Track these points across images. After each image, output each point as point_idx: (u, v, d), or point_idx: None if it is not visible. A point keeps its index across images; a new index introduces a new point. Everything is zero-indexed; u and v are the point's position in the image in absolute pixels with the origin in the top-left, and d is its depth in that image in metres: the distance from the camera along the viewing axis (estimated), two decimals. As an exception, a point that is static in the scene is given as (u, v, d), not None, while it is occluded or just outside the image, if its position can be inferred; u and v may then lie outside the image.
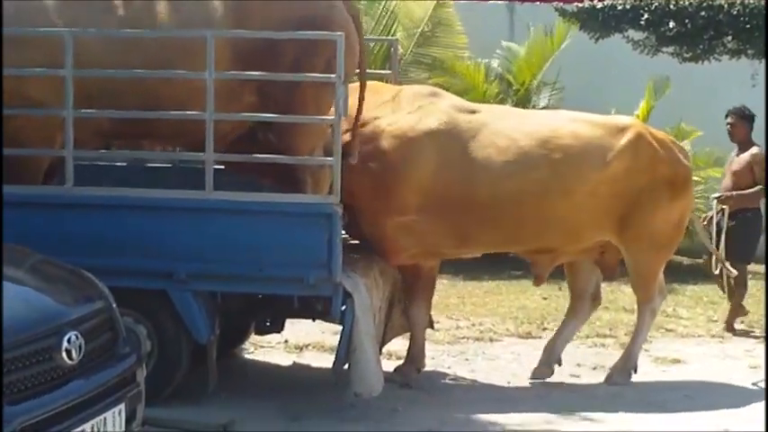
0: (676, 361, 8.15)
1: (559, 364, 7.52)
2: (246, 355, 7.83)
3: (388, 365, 7.26)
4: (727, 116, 9.50)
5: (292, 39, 6.23)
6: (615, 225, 7.12)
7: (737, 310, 9.22)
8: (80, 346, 4.41)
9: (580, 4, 12.62)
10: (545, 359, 7.50)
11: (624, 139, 7.11)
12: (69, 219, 6.23)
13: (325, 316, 6.58)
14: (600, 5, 12.47)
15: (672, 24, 12.08)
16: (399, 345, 7.65)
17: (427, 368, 7.53)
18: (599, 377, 7.57)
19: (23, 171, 6.31)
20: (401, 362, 7.38)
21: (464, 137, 6.95)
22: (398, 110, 7.00)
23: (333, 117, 6.22)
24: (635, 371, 7.40)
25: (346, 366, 6.41)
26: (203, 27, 6.20)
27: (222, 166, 6.59)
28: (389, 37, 11.32)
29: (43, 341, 4.28)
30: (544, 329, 8.95)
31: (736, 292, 9.20)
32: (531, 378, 7.45)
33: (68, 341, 4.35)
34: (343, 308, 6.32)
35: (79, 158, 6.39)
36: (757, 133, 11.29)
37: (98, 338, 4.66)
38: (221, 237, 6.24)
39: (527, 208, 6.95)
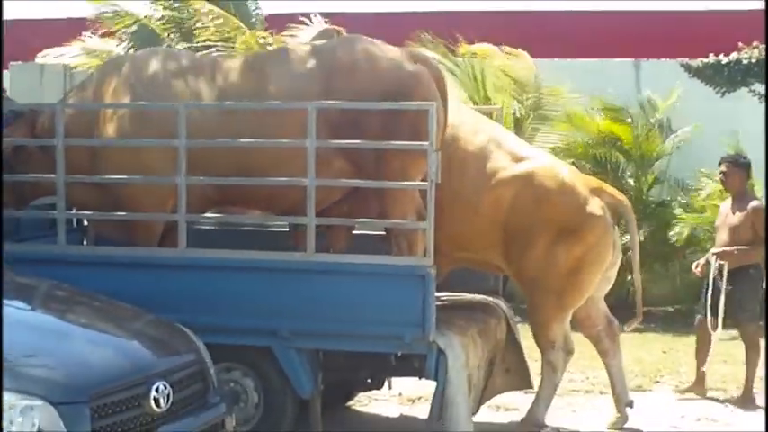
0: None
1: (630, 406, 7.61)
2: (359, 408, 8.16)
3: (498, 417, 7.51)
4: (719, 164, 8.95)
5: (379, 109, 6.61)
6: (499, 251, 7.20)
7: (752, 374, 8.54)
8: (168, 395, 4.87)
9: (705, 60, 12.65)
10: (617, 410, 7.65)
11: (518, 169, 7.18)
12: (182, 279, 6.69)
13: (421, 373, 6.78)
14: (725, 60, 12.49)
15: (798, 77, 12.00)
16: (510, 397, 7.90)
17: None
18: (701, 429, 7.66)
19: (140, 235, 6.96)
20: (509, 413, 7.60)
21: None
22: None
23: (426, 183, 6.47)
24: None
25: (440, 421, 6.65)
26: (298, 97, 6.67)
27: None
28: (493, 105, 11.31)
29: (134, 389, 4.76)
30: (656, 383, 9.01)
31: (749, 353, 8.58)
32: (608, 427, 7.57)
33: (157, 390, 4.81)
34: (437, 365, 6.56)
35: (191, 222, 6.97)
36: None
37: (187, 388, 5.11)
38: (322, 296, 6.57)
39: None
